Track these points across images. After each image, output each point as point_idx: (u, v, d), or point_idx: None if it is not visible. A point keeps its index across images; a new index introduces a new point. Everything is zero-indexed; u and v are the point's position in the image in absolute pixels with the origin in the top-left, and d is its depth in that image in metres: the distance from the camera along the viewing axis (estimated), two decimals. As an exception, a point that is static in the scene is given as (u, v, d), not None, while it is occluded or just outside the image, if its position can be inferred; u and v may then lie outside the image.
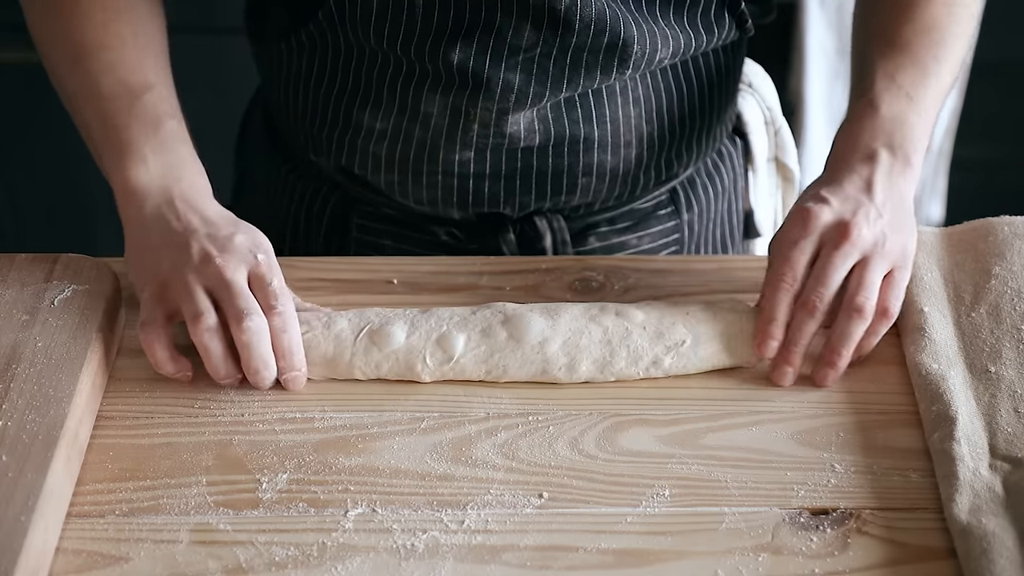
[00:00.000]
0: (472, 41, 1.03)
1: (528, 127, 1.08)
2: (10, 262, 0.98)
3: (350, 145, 1.12)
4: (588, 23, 1.02)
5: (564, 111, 1.08)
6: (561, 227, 1.14)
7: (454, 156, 1.09)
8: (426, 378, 0.94)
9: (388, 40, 1.05)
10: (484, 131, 1.07)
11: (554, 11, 1.01)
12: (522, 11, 1.02)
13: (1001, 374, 0.92)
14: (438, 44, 1.04)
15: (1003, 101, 2.18)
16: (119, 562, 0.82)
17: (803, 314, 0.93)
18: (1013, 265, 0.99)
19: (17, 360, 0.90)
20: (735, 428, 0.91)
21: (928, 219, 2.19)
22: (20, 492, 0.81)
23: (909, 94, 1.01)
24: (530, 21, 1.02)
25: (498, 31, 1.03)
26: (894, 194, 0.97)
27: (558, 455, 0.89)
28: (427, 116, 1.08)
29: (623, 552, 0.82)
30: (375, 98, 1.09)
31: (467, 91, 1.06)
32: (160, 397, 0.93)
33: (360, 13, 1.04)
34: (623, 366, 0.93)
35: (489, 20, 1.02)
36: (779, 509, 0.85)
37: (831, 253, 0.93)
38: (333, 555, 0.82)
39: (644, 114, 1.10)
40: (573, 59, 1.04)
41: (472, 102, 1.06)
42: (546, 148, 1.09)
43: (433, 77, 1.06)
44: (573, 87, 1.06)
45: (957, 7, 1.06)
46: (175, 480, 0.87)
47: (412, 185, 1.11)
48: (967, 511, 0.83)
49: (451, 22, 1.03)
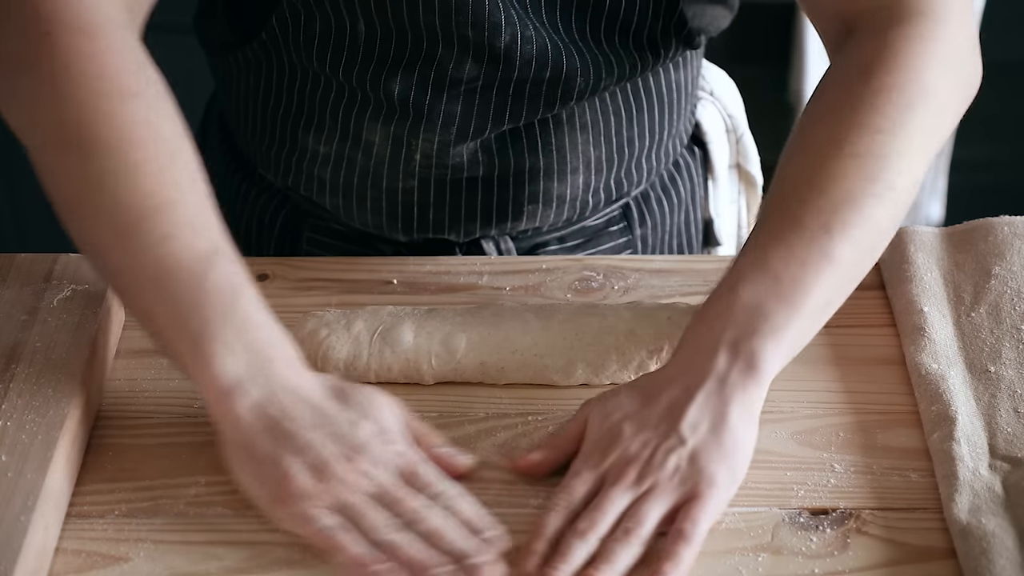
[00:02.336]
0: (413, 72, 1.02)
1: (471, 158, 1.07)
2: (10, 262, 0.98)
3: (296, 166, 1.11)
4: (529, 59, 1.01)
5: (509, 142, 1.07)
6: (509, 248, 1.12)
7: (397, 184, 1.08)
8: (429, 380, 0.94)
9: (331, 65, 1.03)
10: (427, 161, 1.07)
11: (494, 47, 1.00)
12: (463, 45, 1.00)
13: (1001, 374, 0.92)
14: (379, 73, 1.02)
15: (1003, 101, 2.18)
16: (119, 562, 0.82)
17: (571, 535, 0.80)
18: (1013, 265, 0.99)
19: (17, 360, 0.90)
20: (735, 428, 0.91)
21: (928, 219, 2.19)
22: (20, 492, 0.81)
23: (779, 276, 0.85)
24: (471, 55, 1.01)
25: (439, 63, 1.01)
26: (716, 413, 0.83)
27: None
28: (369, 144, 1.07)
29: (623, 552, 0.82)
30: (318, 122, 1.08)
31: (408, 122, 1.04)
32: (160, 397, 0.93)
33: (303, 36, 1.03)
34: (615, 369, 0.93)
35: (430, 52, 1.01)
36: (779, 509, 0.85)
37: (609, 490, 0.81)
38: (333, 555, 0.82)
39: (591, 139, 1.08)
40: (516, 92, 1.03)
41: (414, 133, 1.05)
42: (491, 179, 1.08)
43: (375, 105, 1.05)
44: (516, 118, 1.05)
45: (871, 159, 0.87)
46: (175, 480, 0.87)
47: (356, 209, 1.11)
48: (967, 511, 0.83)
49: (392, 52, 1.01)
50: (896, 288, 1.00)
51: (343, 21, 1.01)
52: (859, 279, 0.88)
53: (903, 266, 1.01)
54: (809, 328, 0.86)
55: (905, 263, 1.01)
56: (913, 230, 1.03)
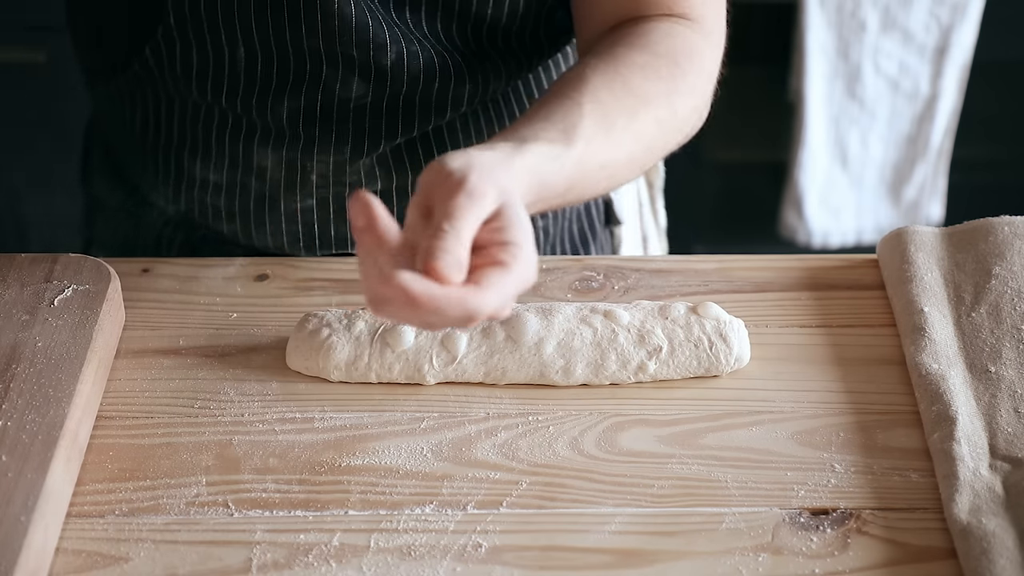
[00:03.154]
0: (300, 95, 1.01)
1: (369, 173, 1.07)
2: (10, 262, 0.98)
3: (187, 195, 1.10)
4: (416, 73, 1.01)
5: (405, 154, 1.07)
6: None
7: (296, 205, 1.08)
8: (431, 380, 0.94)
9: (212, 93, 1.02)
10: (323, 181, 1.06)
11: (380, 65, 1.00)
12: (347, 65, 1.00)
13: (1001, 374, 0.92)
14: (265, 98, 1.02)
15: (1003, 101, 2.18)
16: (119, 562, 0.82)
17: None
18: (1013, 265, 0.99)
19: (17, 360, 0.90)
20: (735, 428, 0.91)
21: (928, 219, 2.19)
22: (20, 492, 0.81)
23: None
24: (357, 74, 1.00)
25: (326, 85, 1.01)
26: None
27: (558, 455, 0.89)
28: (262, 169, 1.06)
29: (623, 552, 0.82)
30: (204, 151, 1.07)
31: (300, 144, 1.04)
32: (160, 397, 0.93)
33: (180, 66, 1.01)
34: (615, 369, 0.93)
35: (315, 74, 1.00)
36: (779, 509, 0.85)
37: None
38: (333, 555, 0.82)
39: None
40: (406, 105, 1.03)
41: (307, 155, 1.05)
42: (390, 191, 1.08)
43: (263, 131, 1.04)
44: (410, 130, 1.05)
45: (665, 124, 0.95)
46: (175, 480, 0.87)
47: (255, 232, 1.10)
48: (967, 511, 0.83)
49: (276, 76, 1.01)
50: (896, 288, 1.00)
51: (222, 48, 1.00)
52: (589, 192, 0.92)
53: (903, 266, 1.01)
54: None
55: (905, 263, 1.01)
56: (913, 230, 1.03)
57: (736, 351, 0.95)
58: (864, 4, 2.01)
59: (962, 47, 2.05)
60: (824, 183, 2.15)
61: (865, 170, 2.15)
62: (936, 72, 2.07)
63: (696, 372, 0.94)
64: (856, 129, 2.11)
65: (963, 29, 2.04)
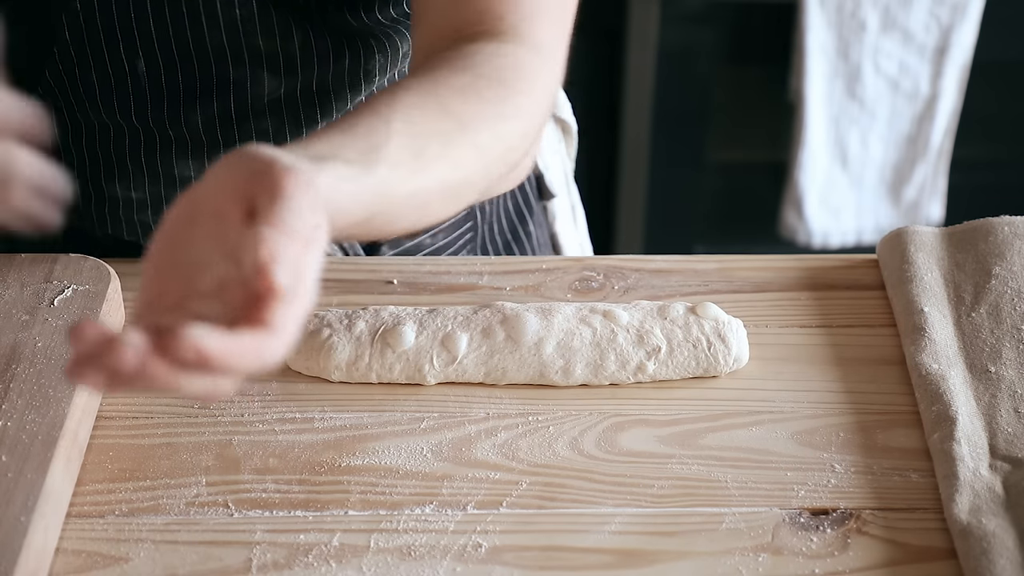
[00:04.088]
0: (211, 100, 0.99)
1: None
2: (10, 262, 0.98)
3: (112, 216, 1.07)
4: (324, 55, 0.99)
5: None
6: (352, 244, 1.10)
7: None
8: (431, 380, 0.94)
9: (120, 113, 1.00)
10: None
11: (288, 53, 0.98)
12: (254, 60, 0.98)
13: (1001, 374, 0.92)
14: (176, 110, 0.99)
15: (1003, 101, 2.18)
16: (119, 562, 0.82)
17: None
18: (1013, 265, 0.99)
19: (17, 360, 0.90)
20: (735, 428, 0.91)
21: (928, 219, 2.19)
22: (20, 492, 0.80)
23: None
24: (265, 68, 0.99)
25: (236, 85, 0.99)
26: None
27: (558, 455, 0.89)
28: (185, 180, 1.03)
29: (623, 552, 0.82)
30: (121, 171, 1.04)
31: (221, 151, 1.01)
32: (160, 397, 0.93)
33: (82, 87, 0.99)
34: (614, 370, 0.93)
35: (222, 77, 0.98)
36: (779, 509, 0.85)
37: None
38: (333, 555, 0.82)
39: None
40: (319, 89, 1.01)
41: None
42: None
43: (179, 144, 1.02)
44: (328, 115, 1.03)
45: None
46: (175, 480, 0.87)
47: None
48: (967, 511, 0.83)
49: (182, 86, 0.98)
50: (896, 288, 1.00)
51: (121, 62, 0.97)
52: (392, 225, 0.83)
53: (903, 266, 1.01)
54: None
55: (905, 263, 1.01)
56: (913, 230, 1.03)
57: (735, 351, 0.95)
58: (864, 4, 2.01)
59: (962, 47, 2.05)
60: (824, 183, 2.15)
61: (865, 170, 2.15)
62: (936, 72, 2.07)
63: (695, 372, 0.94)
64: (856, 129, 2.11)
65: (963, 29, 2.04)
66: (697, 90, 2.12)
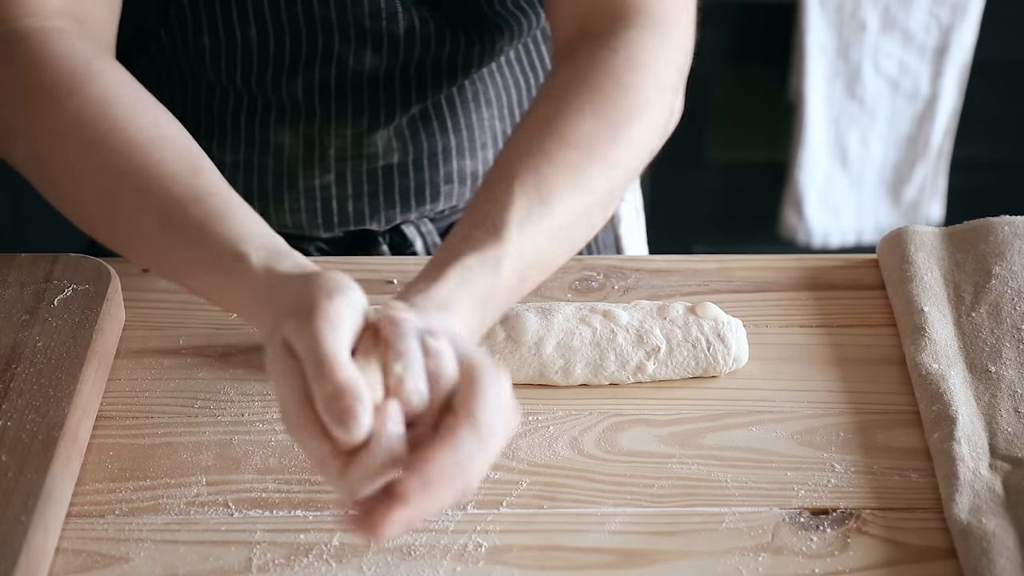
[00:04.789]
0: (314, 70, 1.02)
1: (386, 145, 1.07)
2: (10, 262, 0.98)
3: None
4: (427, 39, 1.02)
5: (420, 125, 1.08)
6: (429, 230, 1.14)
7: (314, 182, 1.08)
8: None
9: (227, 75, 1.03)
10: (342, 155, 1.07)
11: (392, 35, 1.00)
12: (360, 37, 1.01)
13: (1001, 374, 0.92)
14: (279, 76, 1.02)
15: (1003, 101, 2.18)
16: (119, 562, 0.82)
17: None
18: (1013, 265, 0.99)
19: (17, 360, 0.90)
20: (735, 428, 0.91)
21: (928, 219, 2.19)
22: (20, 492, 0.81)
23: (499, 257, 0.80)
24: (369, 46, 1.01)
25: (339, 58, 1.02)
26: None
27: (558, 455, 0.89)
28: (280, 147, 1.07)
29: (623, 552, 0.82)
30: (220, 132, 1.07)
31: (317, 120, 1.04)
32: (160, 397, 0.93)
33: (194, 48, 1.02)
34: (613, 369, 0.93)
35: (327, 48, 1.01)
36: (779, 509, 0.85)
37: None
38: (333, 555, 0.82)
39: (496, 113, 1.11)
40: (418, 72, 1.04)
41: (325, 130, 1.05)
42: (406, 163, 1.09)
43: (279, 109, 1.05)
44: (424, 98, 1.06)
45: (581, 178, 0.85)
46: (175, 480, 0.87)
47: (274, 212, 1.10)
48: (967, 511, 0.83)
49: (288, 54, 1.01)
50: (896, 288, 1.00)
51: (233, 29, 1.00)
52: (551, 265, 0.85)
53: (903, 266, 1.01)
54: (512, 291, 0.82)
55: (905, 263, 1.01)
56: (913, 230, 1.03)
57: (734, 352, 0.95)
58: (864, 4, 2.01)
59: (962, 47, 2.05)
60: (824, 183, 2.15)
61: (865, 170, 2.15)
62: (936, 72, 2.07)
63: (694, 372, 0.94)
64: (856, 129, 2.11)
65: (963, 29, 2.04)
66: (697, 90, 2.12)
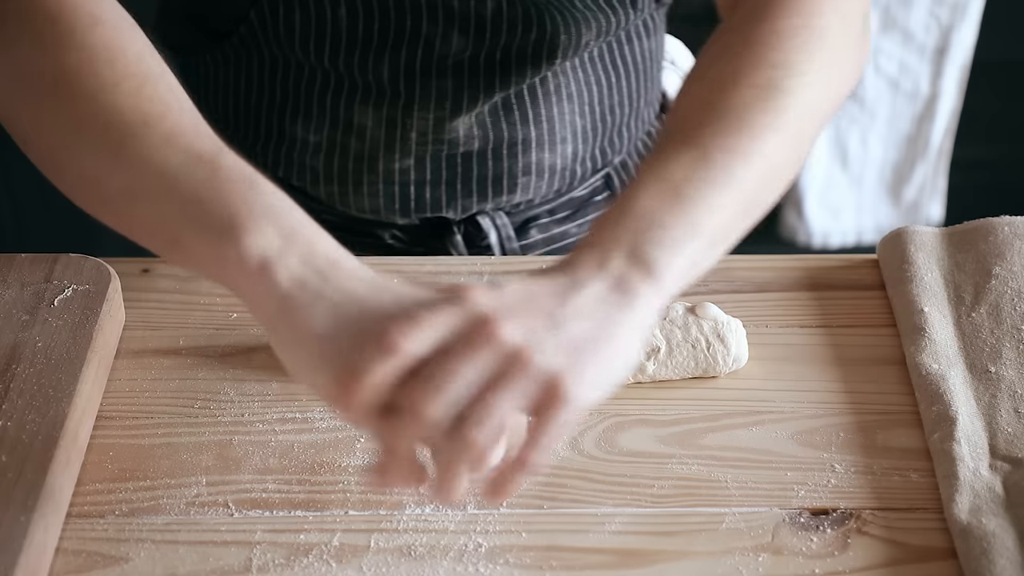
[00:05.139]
0: (401, 51, 1.03)
1: (467, 132, 1.08)
2: (10, 262, 0.98)
3: (286, 158, 1.11)
4: (515, 23, 1.02)
5: (502, 114, 1.08)
6: (504, 223, 1.14)
7: (394, 165, 1.09)
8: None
9: (315, 54, 1.04)
10: (423, 139, 1.07)
11: (480, 16, 1.01)
12: (448, 19, 1.01)
13: (1001, 374, 0.92)
14: (366, 56, 1.03)
15: (1003, 101, 2.18)
16: (119, 562, 0.82)
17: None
18: (1013, 265, 0.99)
19: (17, 360, 0.90)
20: (735, 428, 0.91)
21: (928, 219, 2.19)
22: (20, 492, 0.80)
23: (679, 191, 0.79)
24: (456, 28, 1.02)
25: (426, 40, 1.02)
26: (608, 315, 0.75)
27: (558, 455, 0.89)
28: (362, 128, 1.07)
29: (623, 552, 0.82)
30: (305, 111, 1.08)
31: (401, 102, 1.05)
32: (160, 397, 0.93)
33: (283, 27, 1.03)
34: (615, 369, 0.94)
35: (415, 30, 1.02)
36: (779, 509, 0.85)
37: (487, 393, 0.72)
38: (333, 555, 0.82)
39: (577, 109, 1.11)
40: (503, 58, 1.04)
41: (407, 112, 1.06)
42: (485, 152, 1.09)
43: (365, 89, 1.05)
44: (507, 86, 1.06)
45: (773, 94, 0.83)
46: (175, 480, 0.87)
47: (353, 195, 1.11)
48: (967, 511, 0.83)
49: (376, 34, 1.02)
50: (896, 288, 1.00)
51: (324, 9, 1.02)
52: (756, 215, 0.83)
53: (903, 266, 1.01)
54: (707, 251, 0.80)
55: (905, 263, 1.01)
56: (913, 230, 1.03)
57: (734, 352, 0.94)
58: (864, 4, 2.01)
59: (962, 47, 2.05)
60: (824, 183, 2.15)
61: (865, 170, 2.15)
62: (936, 72, 2.07)
63: (694, 373, 0.94)
64: (856, 129, 2.11)
65: (963, 29, 2.04)
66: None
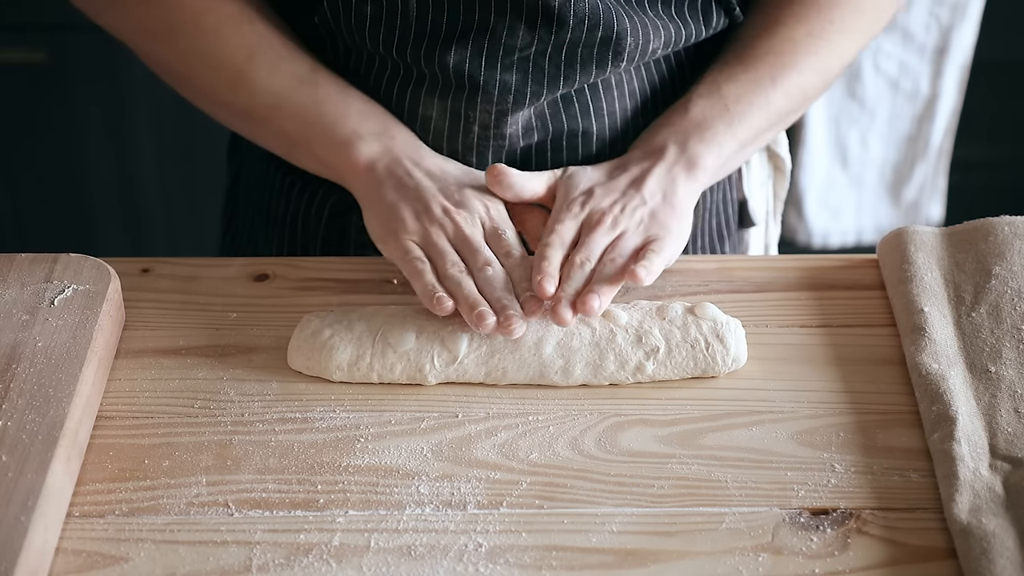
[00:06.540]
0: (467, 44, 1.04)
1: (527, 126, 1.08)
2: (10, 262, 0.98)
3: None
4: (581, 19, 1.03)
5: (561, 108, 1.09)
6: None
7: (455, 157, 1.09)
8: (432, 380, 0.94)
9: (384, 44, 1.05)
10: (484, 132, 1.08)
11: (548, 9, 1.02)
12: (515, 11, 1.02)
13: (1001, 374, 0.92)
14: (433, 48, 1.04)
15: (1003, 101, 2.18)
16: (119, 562, 0.82)
17: (570, 268, 0.97)
18: (1013, 265, 0.99)
19: (17, 360, 0.90)
20: (735, 428, 0.91)
21: (928, 219, 2.19)
22: (20, 492, 0.81)
23: (728, 105, 1.06)
24: (524, 21, 1.03)
25: (492, 32, 1.03)
26: (667, 187, 1.02)
27: (558, 455, 0.89)
28: (426, 119, 1.08)
29: (623, 552, 0.82)
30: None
31: (465, 94, 1.06)
32: (160, 397, 0.93)
33: (355, 18, 1.05)
34: (613, 370, 0.94)
35: (483, 22, 1.03)
36: (779, 509, 0.85)
37: (593, 232, 0.99)
38: (333, 555, 0.82)
39: (639, 107, 1.11)
40: (568, 55, 1.05)
41: (471, 105, 1.06)
42: (544, 145, 1.10)
43: (431, 80, 1.07)
44: (569, 83, 1.07)
45: (821, 40, 1.09)
46: (175, 480, 0.87)
47: None
48: (967, 511, 0.83)
49: (445, 25, 1.03)
50: (896, 288, 1.00)
51: (395, 1, 1.03)
52: (781, 127, 1.13)
53: (903, 266, 1.01)
54: (737, 152, 1.08)
55: (905, 263, 1.01)
56: (913, 230, 1.03)
57: (733, 352, 0.95)
58: (864, 4, 2.01)
59: (962, 47, 2.05)
60: (824, 183, 2.15)
61: (865, 170, 2.15)
62: (936, 72, 2.07)
63: (693, 373, 0.94)
64: (856, 129, 2.11)
65: (963, 29, 2.04)
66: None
